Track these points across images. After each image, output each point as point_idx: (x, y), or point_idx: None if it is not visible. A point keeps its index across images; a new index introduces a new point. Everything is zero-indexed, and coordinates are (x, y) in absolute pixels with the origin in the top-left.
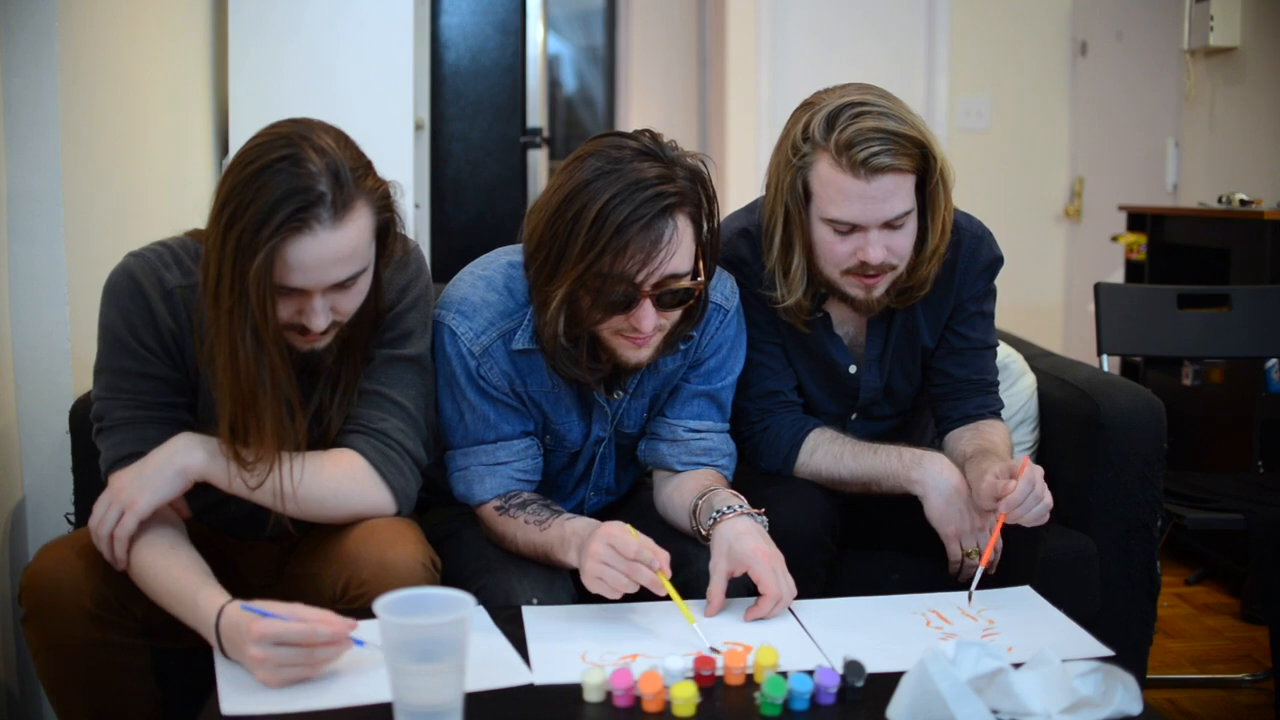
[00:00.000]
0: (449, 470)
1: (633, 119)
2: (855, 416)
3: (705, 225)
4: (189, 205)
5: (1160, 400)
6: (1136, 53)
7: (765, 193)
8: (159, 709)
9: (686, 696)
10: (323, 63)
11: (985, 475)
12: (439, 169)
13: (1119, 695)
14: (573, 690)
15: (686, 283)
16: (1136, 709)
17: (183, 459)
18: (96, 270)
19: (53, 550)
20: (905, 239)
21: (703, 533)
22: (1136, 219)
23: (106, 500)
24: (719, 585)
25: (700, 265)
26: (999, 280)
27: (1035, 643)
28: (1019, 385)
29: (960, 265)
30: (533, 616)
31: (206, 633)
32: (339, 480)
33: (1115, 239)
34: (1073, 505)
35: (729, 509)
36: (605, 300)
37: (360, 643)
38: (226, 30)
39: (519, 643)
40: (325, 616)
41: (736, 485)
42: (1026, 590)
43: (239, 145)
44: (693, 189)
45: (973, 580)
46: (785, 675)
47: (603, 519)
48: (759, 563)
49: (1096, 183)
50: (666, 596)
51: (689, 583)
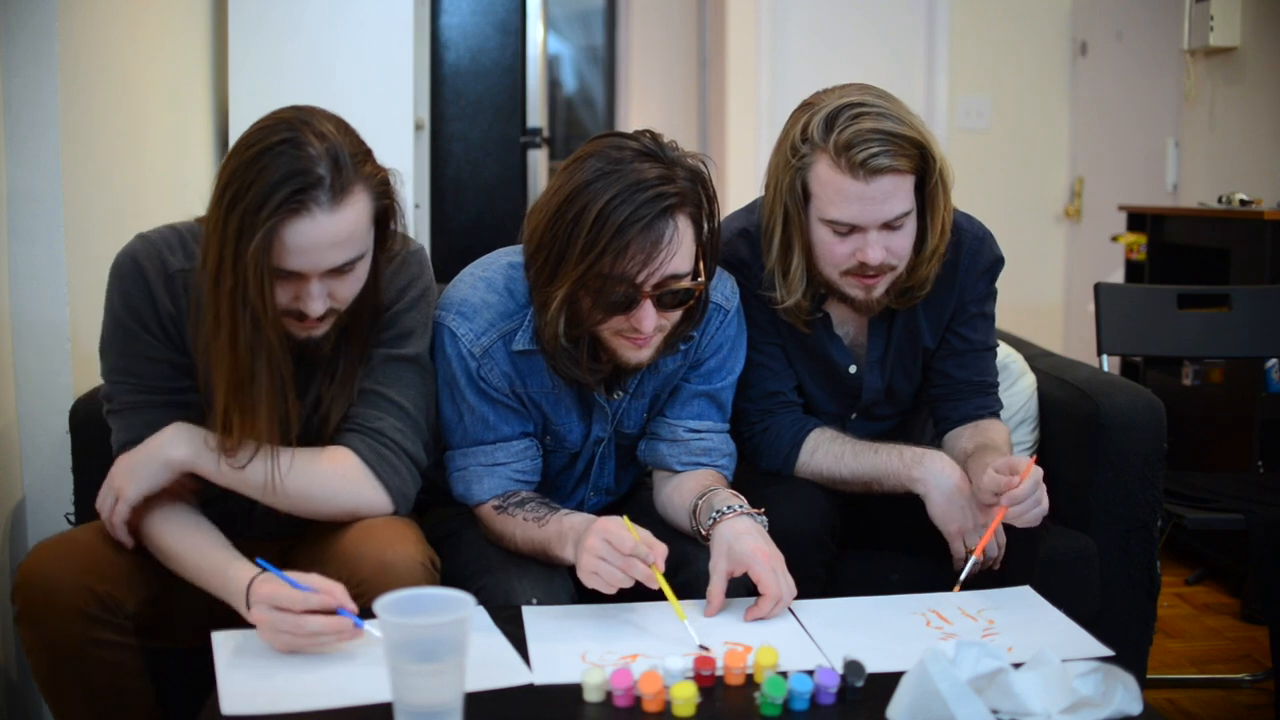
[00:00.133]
0: (448, 470)
1: (633, 119)
2: (855, 416)
3: (706, 225)
4: (189, 205)
5: (1160, 400)
6: (1136, 53)
7: (764, 193)
8: (155, 708)
9: (686, 696)
10: (323, 63)
11: (987, 469)
12: (439, 169)
13: (1119, 695)
14: (573, 690)
15: (687, 283)
16: (1136, 709)
17: (168, 451)
18: (96, 270)
19: (46, 549)
20: (904, 239)
21: (702, 533)
22: (1136, 219)
23: (105, 486)
24: (719, 585)
25: (701, 265)
26: (999, 280)
27: (1035, 643)
28: (1019, 385)
29: (962, 267)
30: (533, 616)
31: (239, 603)
32: (330, 476)
33: (1115, 239)
34: (1073, 505)
35: (729, 509)
36: (606, 301)
37: (360, 622)
38: (226, 30)
39: (519, 643)
40: (329, 587)
41: (736, 485)
42: (1026, 590)
43: None
44: (693, 189)
45: (964, 570)
46: (785, 675)
47: None
48: (759, 563)
49: (1096, 183)
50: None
51: (689, 583)
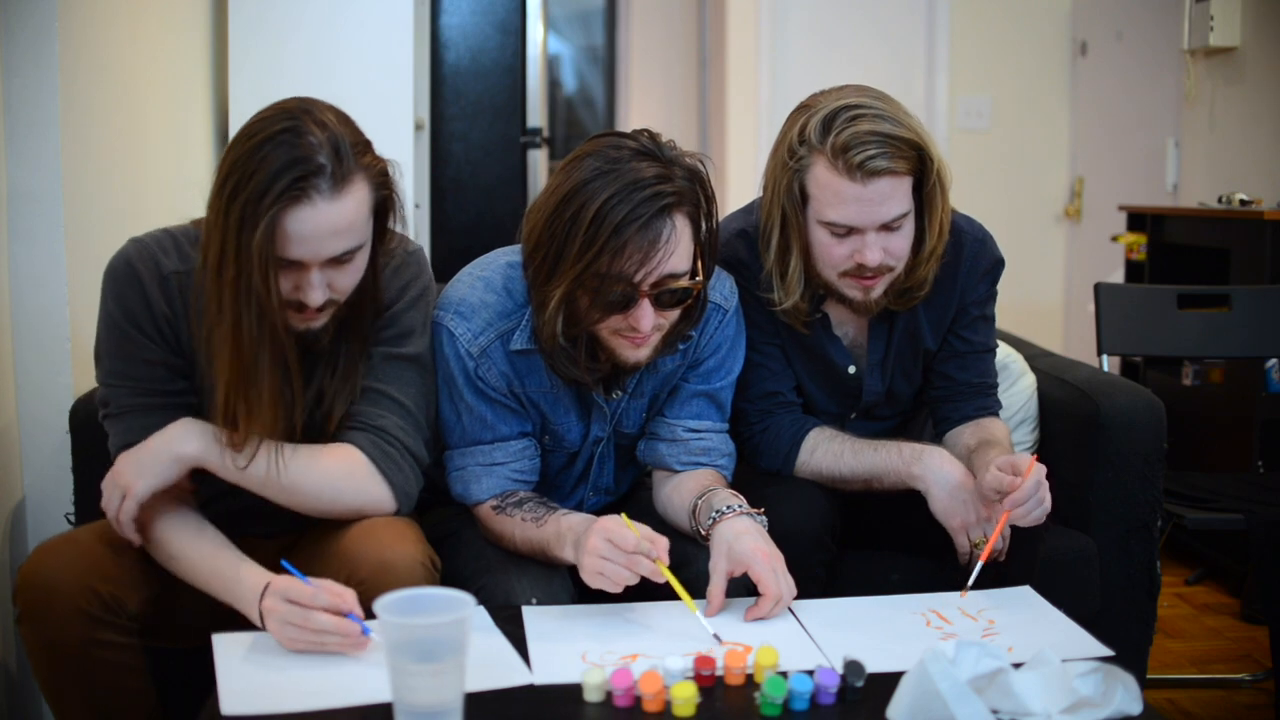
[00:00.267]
0: (447, 470)
1: (633, 119)
2: (854, 417)
3: (704, 225)
4: (189, 205)
5: (1160, 400)
6: (1136, 53)
7: (762, 195)
8: (156, 709)
9: (686, 696)
10: (323, 63)
11: (989, 467)
12: (439, 169)
13: (1119, 695)
14: (573, 690)
15: (685, 282)
16: (1136, 709)
17: (179, 446)
18: (96, 270)
19: (47, 549)
20: (902, 241)
21: (702, 533)
22: (1136, 219)
23: (109, 483)
24: (719, 585)
25: (699, 265)
26: (999, 281)
27: (1035, 643)
28: (1019, 385)
29: (963, 268)
30: (533, 616)
31: (248, 607)
32: (335, 474)
33: (1115, 239)
34: (1073, 505)
35: (728, 509)
36: (603, 300)
37: (367, 629)
38: (226, 30)
39: (519, 643)
40: (342, 592)
41: (736, 485)
42: (1026, 590)
43: None
44: (691, 189)
45: (970, 573)
46: (785, 675)
47: None
48: (759, 562)
49: (1096, 183)
50: (666, 584)
51: (689, 582)
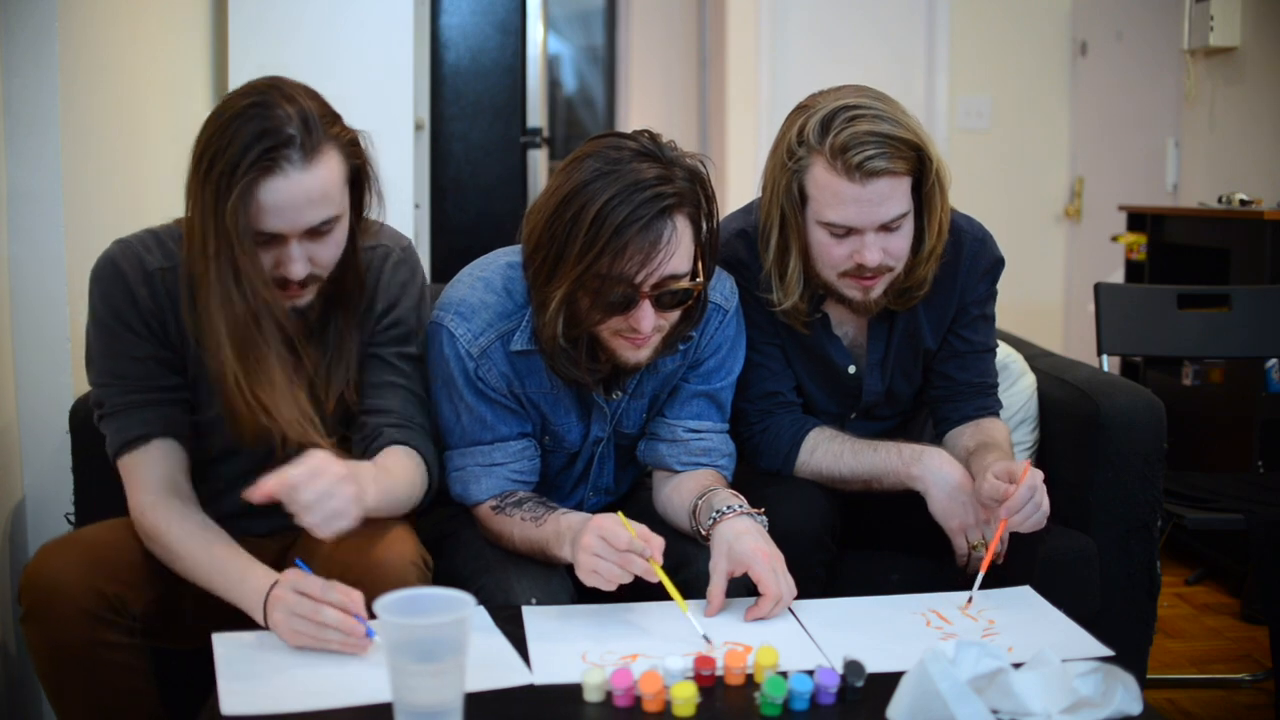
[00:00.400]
0: (446, 470)
1: (633, 119)
2: (854, 417)
3: (704, 225)
4: None
5: (1160, 400)
6: (1136, 53)
7: (761, 195)
8: (158, 709)
9: (686, 696)
10: (323, 63)
11: (986, 474)
12: (439, 169)
13: (1119, 695)
14: (573, 690)
15: (685, 283)
16: (1136, 709)
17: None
18: None
19: (52, 549)
20: (902, 241)
21: (702, 533)
22: (1136, 219)
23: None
24: (719, 585)
25: (699, 265)
26: (999, 281)
27: (1035, 643)
28: (1019, 385)
29: (963, 268)
30: (532, 616)
31: (252, 605)
32: (415, 478)
33: (1115, 239)
34: (1073, 505)
35: (729, 509)
36: (604, 301)
37: (371, 632)
38: (226, 30)
39: (519, 643)
40: (350, 592)
41: (736, 485)
42: (1026, 590)
43: None
44: (691, 189)
45: (974, 582)
46: (785, 675)
47: None
48: (759, 562)
49: (1096, 183)
50: (661, 584)
51: (689, 583)
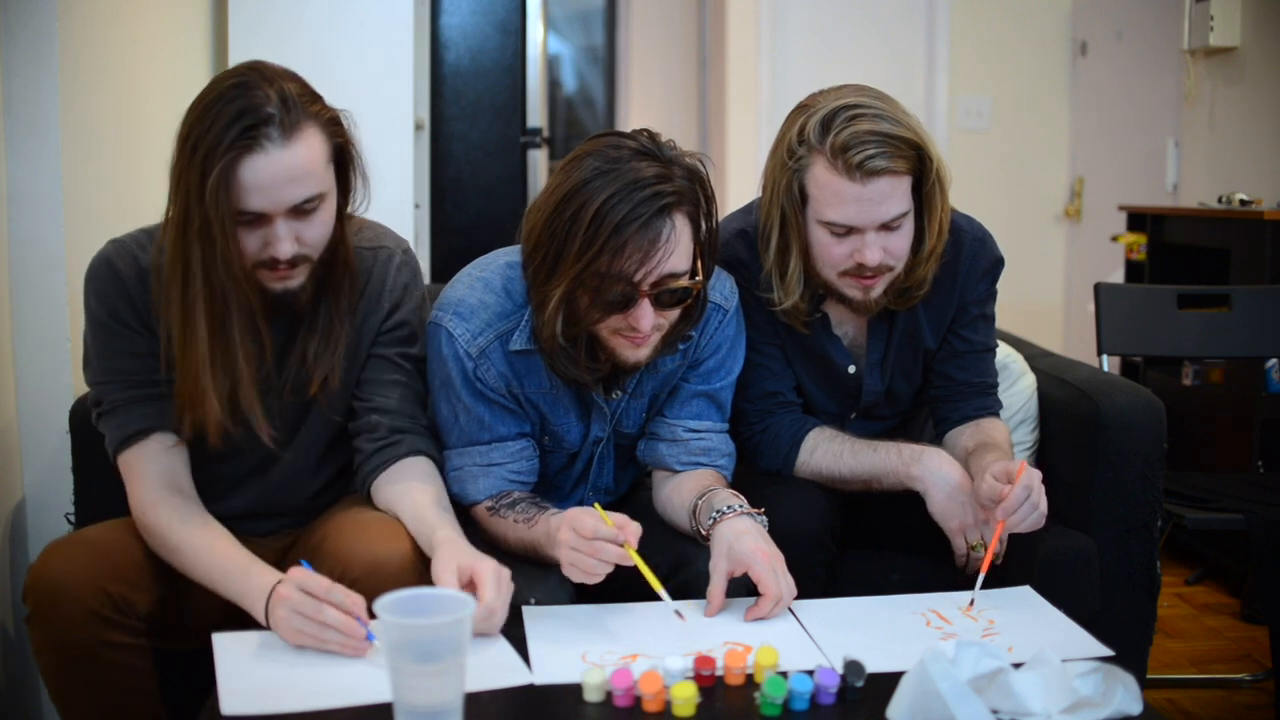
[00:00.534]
0: (445, 470)
1: (633, 119)
2: (854, 417)
3: (704, 225)
4: None
5: (1160, 400)
6: (1136, 53)
7: (761, 195)
8: (159, 709)
9: (686, 696)
10: (323, 63)
11: (984, 475)
12: (439, 169)
13: (1119, 695)
14: (573, 690)
15: (685, 282)
16: (1136, 709)
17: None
18: None
19: (57, 549)
20: (902, 240)
21: (702, 532)
22: (1136, 219)
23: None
24: (719, 585)
25: (699, 265)
26: (999, 280)
27: (1035, 643)
28: (1019, 385)
29: (963, 268)
30: (533, 616)
31: (255, 603)
32: (444, 488)
33: (1115, 239)
34: (1073, 505)
35: (729, 509)
36: (603, 300)
37: (372, 636)
38: (226, 30)
39: (519, 643)
40: (352, 594)
41: (736, 485)
42: (1026, 590)
43: None
44: (690, 188)
45: (975, 583)
46: (785, 675)
47: None
48: (759, 562)
49: (1096, 183)
50: (668, 571)
51: (689, 582)
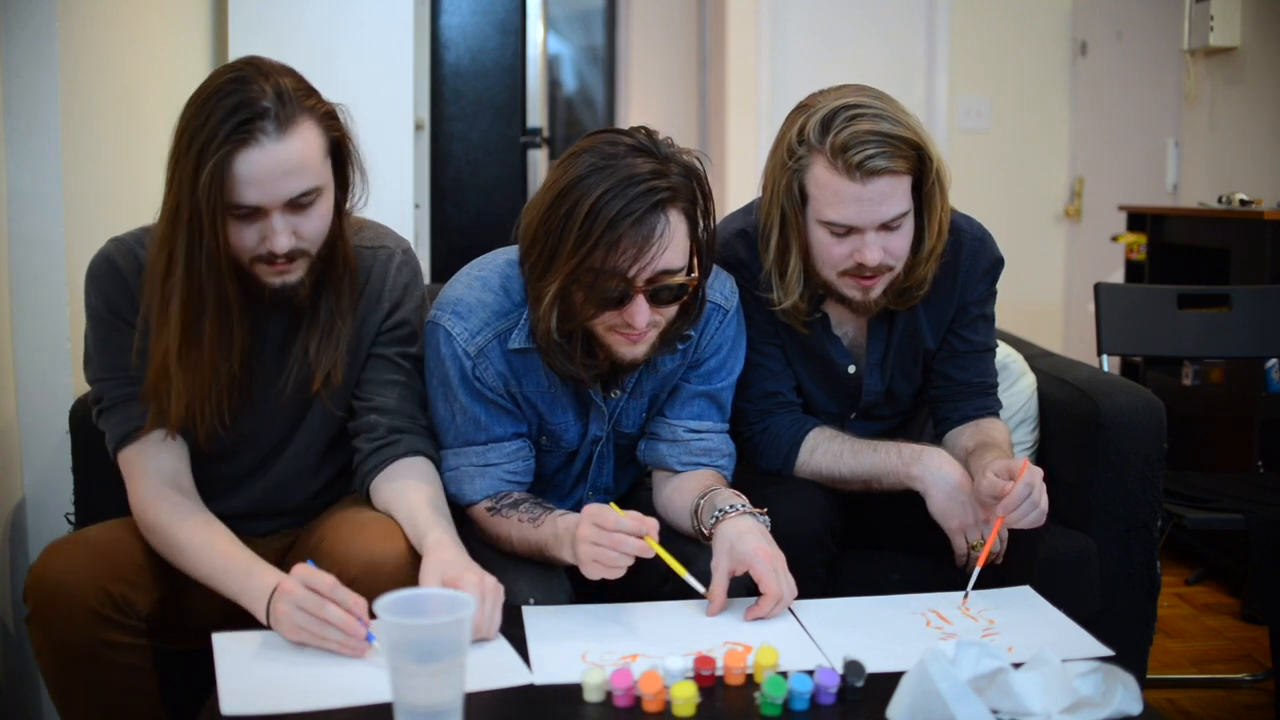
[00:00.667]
0: (441, 470)
1: (633, 119)
2: (854, 417)
3: (700, 222)
4: None
5: (1160, 400)
6: (1136, 53)
7: (761, 195)
8: (159, 709)
9: (686, 696)
10: (323, 63)
11: (985, 472)
12: (439, 169)
13: (1119, 695)
14: (573, 690)
15: (680, 279)
16: (1136, 709)
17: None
18: None
19: (57, 549)
20: (902, 240)
21: (705, 532)
22: (1136, 219)
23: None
24: (720, 584)
25: (695, 261)
26: (999, 280)
27: (1035, 643)
28: (1019, 385)
29: (962, 268)
30: (532, 616)
31: (256, 602)
32: (442, 488)
33: (1115, 239)
34: (1073, 505)
35: (731, 508)
36: (598, 295)
37: (372, 637)
38: (226, 30)
39: (519, 643)
40: (355, 596)
41: (736, 485)
42: (1026, 590)
43: None
44: (686, 185)
45: (969, 581)
46: (785, 675)
47: None
48: (760, 562)
49: (1096, 183)
50: (666, 584)
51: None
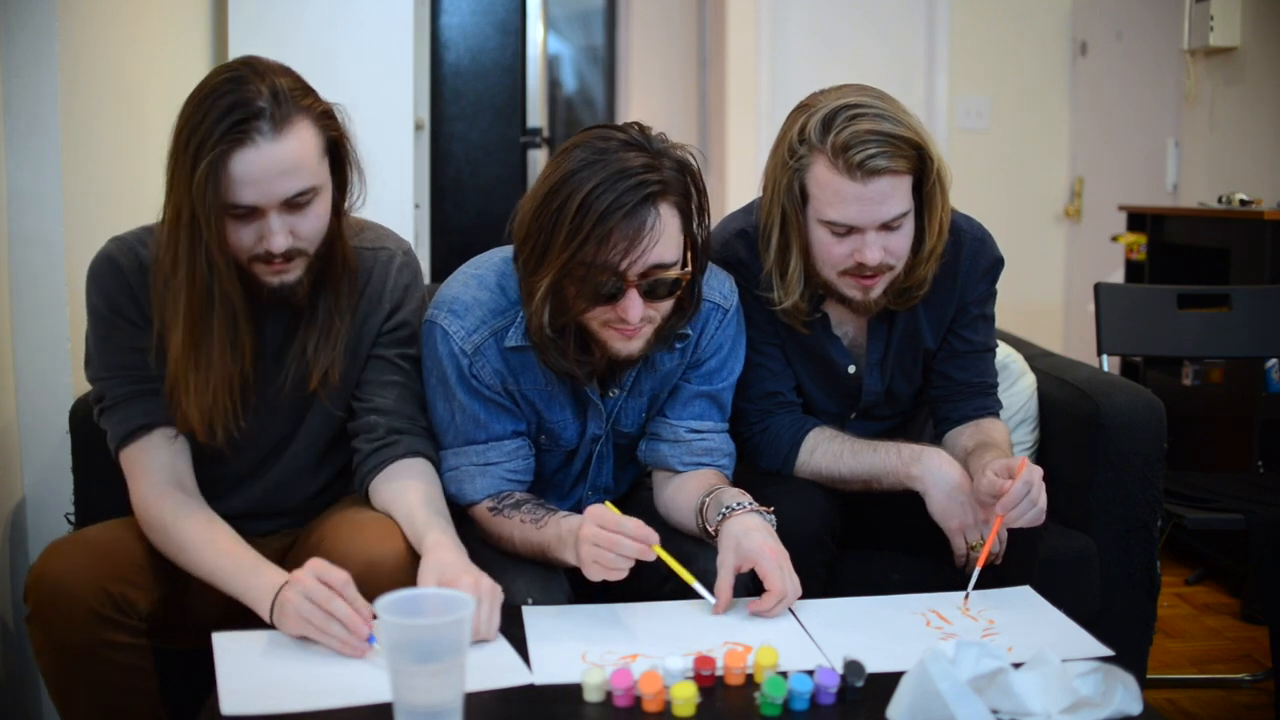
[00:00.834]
0: (441, 470)
1: (632, 119)
2: (854, 417)
3: (695, 217)
4: None
5: (1160, 400)
6: (1136, 53)
7: (762, 195)
8: (159, 709)
9: (686, 696)
10: (323, 63)
11: (985, 471)
12: (439, 169)
13: (1119, 695)
14: (573, 690)
15: (674, 273)
16: (1136, 709)
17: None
18: None
19: (58, 549)
20: (902, 240)
21: (710, 529)
22: (1136, 219)
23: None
24: (726, 580)
25: (688, 256)
26: (999, 280)
27: (1035, 643)
28: (1019, 385)
29: (962, 268)
30: (532, 616)
31: (259, 600)
32: (441, 489)
33: (1115, 239)
34: (1073, 505)
35: (738, 505)
36: (590, 289)
37: (373, 639)
38: (226, 30)
39: (519, 643)
40: (362, 598)
41: (736, 485)
42: (1026, 590)
43: None
44: (679, 179)
45: (969, 581)
46: (785, 675)
47: None
48: (766, 559)
49: (1096, 183)
50: (666, 585)
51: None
